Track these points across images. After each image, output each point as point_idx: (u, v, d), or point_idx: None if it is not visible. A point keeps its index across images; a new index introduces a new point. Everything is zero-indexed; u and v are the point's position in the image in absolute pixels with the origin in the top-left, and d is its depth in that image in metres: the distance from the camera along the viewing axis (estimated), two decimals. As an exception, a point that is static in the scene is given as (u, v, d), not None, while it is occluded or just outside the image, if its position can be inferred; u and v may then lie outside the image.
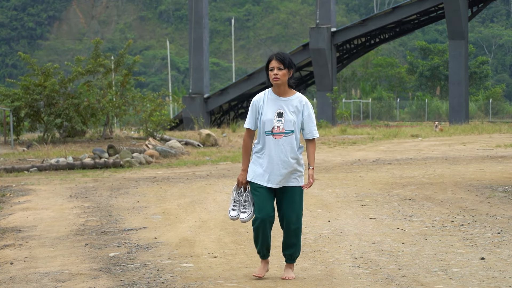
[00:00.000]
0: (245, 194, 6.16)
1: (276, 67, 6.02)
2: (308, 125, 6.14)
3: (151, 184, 14.19)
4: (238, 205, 6.20)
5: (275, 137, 6.05)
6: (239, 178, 6.20)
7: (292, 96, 6.12)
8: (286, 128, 6.06)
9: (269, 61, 6.07)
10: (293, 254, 6.24)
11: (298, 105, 6.11)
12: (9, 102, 25.43)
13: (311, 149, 6.18)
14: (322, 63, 42.35)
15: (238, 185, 6.21)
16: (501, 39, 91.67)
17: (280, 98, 6.11)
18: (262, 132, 6.10)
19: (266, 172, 6.06)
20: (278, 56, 6.04)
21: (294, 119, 6.07)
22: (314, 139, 6.17)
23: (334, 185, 12.91)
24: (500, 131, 30.41)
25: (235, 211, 6.19)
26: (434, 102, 60.31)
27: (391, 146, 23.31)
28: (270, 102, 6.10)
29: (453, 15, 38.92)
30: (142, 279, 6.39)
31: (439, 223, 8.80)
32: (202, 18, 45.23)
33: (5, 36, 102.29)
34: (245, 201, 6.16)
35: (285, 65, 6.02)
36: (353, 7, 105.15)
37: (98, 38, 30.12)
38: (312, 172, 6.14)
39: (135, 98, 27.47)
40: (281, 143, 6.05)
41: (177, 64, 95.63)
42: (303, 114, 6.12)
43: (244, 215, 6.15)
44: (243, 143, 6.20)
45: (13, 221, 10.02)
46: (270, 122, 6.05)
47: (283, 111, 6.07)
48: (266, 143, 6.08)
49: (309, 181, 6.12)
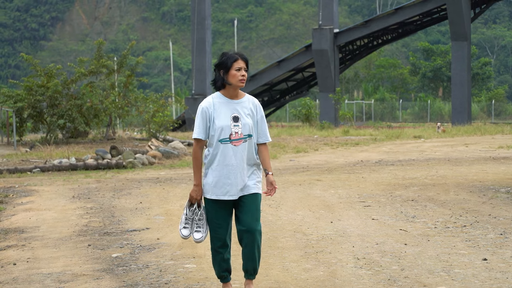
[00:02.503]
0: (200, 212, 5.60)
1: (243, 68, 5.52)
2: (261, 127, 5.65)
3: (154, 185, 14.20)
4: (190, 223, 5.63)
5: (234, 144, 5.50)
6: (192, 195, 5.58)
7: (243, 98, 5.62)
8: (244, 132, 5.53)
9: (234, 60, 5.49)
10: (256, 268, 5.66)
11: (252, 107, 5.61)
12: (12, 103, 25.49)
13: (265, 153, 5.67)
14: (325, 64, 42.36)
15: (192, 201, 5.61)
16: (503, 40, 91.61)
17: (233, 101, 5.57)
18: (216, 140, 5.50)
19: (225, 185, 5.51)
20: (244, 57, 5.56)
21: (250, 123, 5.56)
22: (266, 143, 5.68)
23: (337, 186, 12.91)
24: (502, 132, 30.41)
25: (187, 229, 5.62)
26: (437, 103, 60.30)
27: (394, 147, 23.31)
28: (222, 107, 5.54)
29: (455, 16, 38.93)
30: (145, 280, 6.40)
31: (442, 224, 8.80)
32: (205, 19, 45.29)
33: (8, 37, 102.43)
34: (200, 219, 5.60)
35: (248, 66, 5.58)
36: (355, 8, 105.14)
37: (101, 39, 30.15)
38: (271, 177, 5.65)
39: (137, 99, 27.49)
40: (240, 150, 5.51)
41: (180, 65, 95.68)
42: (257, 116, 5.64)
43: (198, 234, 5.60)
44: (194, 156, 5.56)
45: (16, 222, 10.03)
46: (227, 128, 5.49)
47: (238, 115, 5.53)
48: (223, 152, 5.50)
49: (273, 187, 5.64)
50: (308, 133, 31.89)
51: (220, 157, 5.50)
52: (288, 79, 47.11)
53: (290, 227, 8.84)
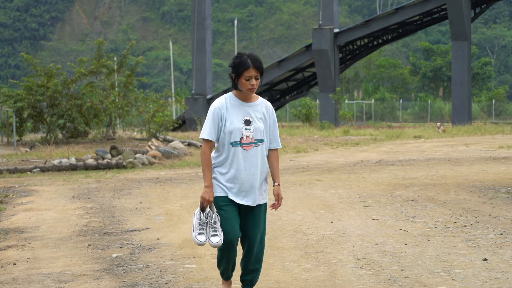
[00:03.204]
0: (215, 215, 5.29)
1: (254, 76, 5.27)
2: (273, 132, 5.46)
3: (154, 185, 14.20)
4: (206, 227, 5.31)
5: (244, 148, 5.30)
6: (204, 196, 5.29)
7: (256, 101, 5.42)
8: (256, 137, 5.33)
9: (246, 68, 5.25)
10: (253, 280, 5.51)
11: (265, 111, 5.41)
12: (12, 103, 25.49)
13: (275, 161, 5.48)
14: (325, 64, 42.36)
15: (203, 204, 5.31)
16: (504, 40, 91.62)
17: (246, 104, 5.37)
18: (227, 143, 5.31)
19: (235, 188, 5.30)
20: (256, 64, 5.27)
21: (262, 127, 5.37)
22: (277, 149, 5.50)
23: (337, 186, 12.90)
24: (503, 132, 30.40)
25: (203, 235, 5.30)
26: (437, 103, 60.31)
27: (394, 147, 23.30)
28: (234, 109, 5.35)
29: (456, 16, 38.92)
30: (145, 280, 6.40)
31: (442, 224, 8.80)
32: (205, 19, 45.29)
33: (8, 37, 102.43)
34: (215, 222, 5.28)
35: (261, 73, 5.31)
36: (356, 8, 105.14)
37: (100, 39, 30.17)
38: (278, 189, 5.43)
39: (138, 99, 27.50)
40: (251, 155, 5.31)
41: (180, 65, 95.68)
42: (269, 121, 5.44)
43: (216, 238, 5.27)
44: (203, 157, 5.34)
45: (16, 222, 10.03)
46: (239, 131, 5.29)
47: (250, 119, 5.34)
48: (233, 156, 5.30)
49: (277, 202, 5.43)
50: (308, 133, 31.90)
51: (229, 160, 5.31)
52: (288, 79, 47.12)
53: (290, 227, 8.84)
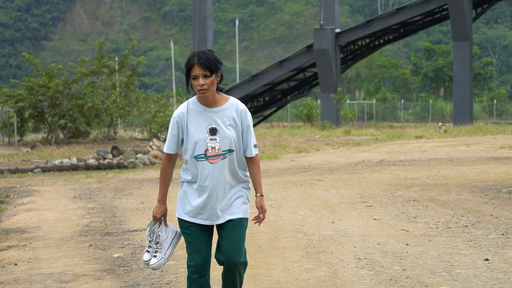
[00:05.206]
0: (157, 234, 4.69)
1: (200, 75, 4.47)
2: (247, 138, 4.65)
3: (155, 185, 14.20)
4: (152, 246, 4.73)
5: (210, 161, 4.54)
6: (154, 213, 4.70)
7: (225, 105, 4.60)
8: (223, 148, 4.55)
9: (190, 66, 4.50)
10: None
11: (235, 115, 4.59)
12: (13, 103, 25.51)
13: (255, 169, 4.71)
14: (326, 64, 42.36)
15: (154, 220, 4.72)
16: (505, 40, 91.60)
17: (210, 110, 4.57)
18: (191, 156, 4.59)
19: (202, 207, 4.58)
20: (201, 61, 4.46)
21: (232, 135, 4.57)
22: (255, 156, 4.70)
23: (338, 186, 12.90)
24: (504, 132, 30.39)
25: (149, 253, 4.74)
26: (438, 103, 60.29)
27: (395, 147, 23.30)
28: (197, 116, 4.58)
29: (457, 16, 38.91)
30: (146, 280, 6.40)
31: (443, 224, 8.79)
32: (206, 19, 45.30)
33: (9, 37, 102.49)
34: (157, 242, 4.70)
35: (211, 70, 4.46)
36: (357, 8, 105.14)
37: (102, 39, 30.19)
38: (261, 200, 4.71)
39: (139, 99, 27.53)
40: (219, 168, 4.55)
41: (181, 65, 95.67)
42: (243, 125, 4.63)
43: (153, 260, 4.69)
44: (162, 170, 4.77)
45: (17, 222, 10.03)
46: (203, 143, 4.53)
47: (216, 126, 4.55)
48: (199, 170, 4.57)
49: (262, 213, 4.70)
50: (310, 133, 31.90)
51: (195, 175, 4.60)
52: (290, 79, 47.10)
53: (292, 227, 8.83)
